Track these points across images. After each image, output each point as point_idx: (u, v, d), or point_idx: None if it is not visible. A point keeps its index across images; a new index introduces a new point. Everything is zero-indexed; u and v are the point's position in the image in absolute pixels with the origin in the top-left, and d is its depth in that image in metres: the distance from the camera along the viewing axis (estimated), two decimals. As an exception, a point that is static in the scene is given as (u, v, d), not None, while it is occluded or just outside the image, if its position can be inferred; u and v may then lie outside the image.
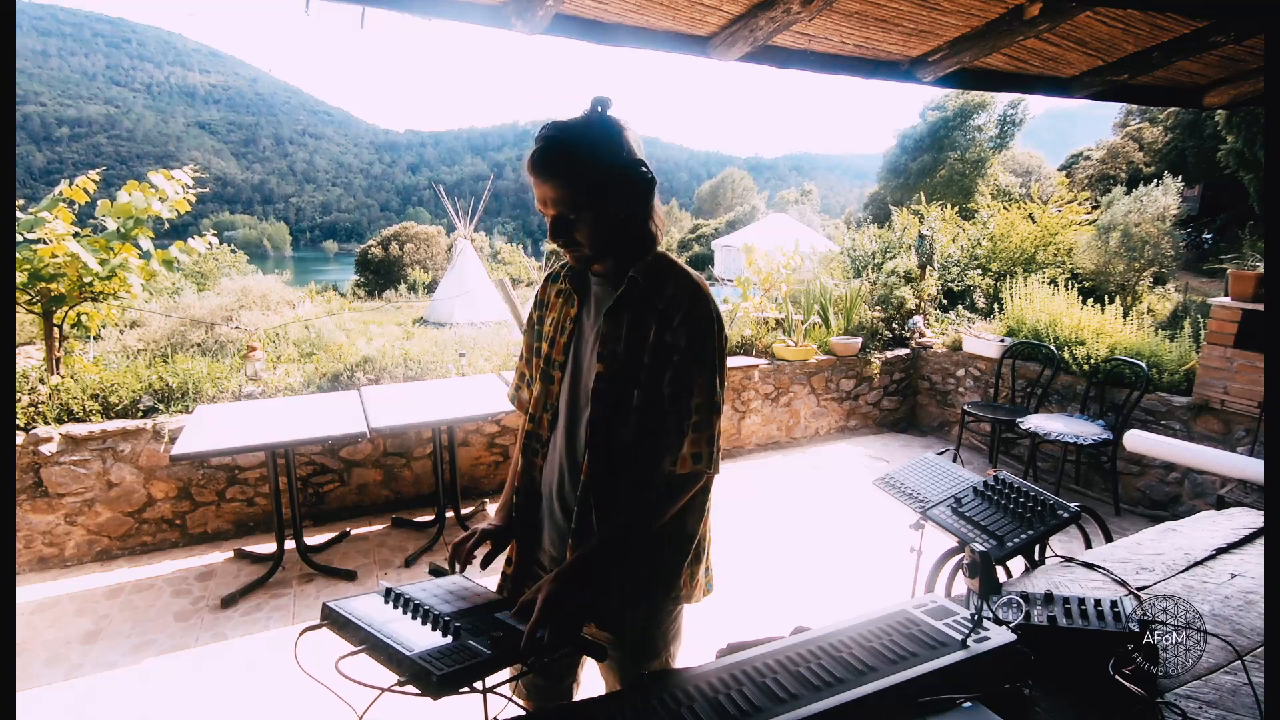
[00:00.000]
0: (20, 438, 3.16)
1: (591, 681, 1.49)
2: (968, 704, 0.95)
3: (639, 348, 1.20)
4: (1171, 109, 17.66)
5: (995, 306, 6.11)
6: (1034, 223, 7.60)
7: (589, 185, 1.12)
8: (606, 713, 0.96)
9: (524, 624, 1.08)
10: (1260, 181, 10.70)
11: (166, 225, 4.10)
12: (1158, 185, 10.46)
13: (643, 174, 1.17)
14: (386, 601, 1.12)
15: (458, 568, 1.29)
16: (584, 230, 1.16)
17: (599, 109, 1.16)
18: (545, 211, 1.17)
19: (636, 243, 1.22)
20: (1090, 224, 8.76)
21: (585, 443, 1.22)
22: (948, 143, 24.93)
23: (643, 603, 1.29)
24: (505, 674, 1.06)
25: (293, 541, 3.27)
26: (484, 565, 1.29)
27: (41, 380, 3.53)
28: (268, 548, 3.37)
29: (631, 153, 1.16)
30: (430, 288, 17.53)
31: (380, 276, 23.18)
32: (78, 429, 3.29)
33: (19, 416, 3.26)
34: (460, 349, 4.65)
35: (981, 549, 1.28)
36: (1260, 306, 3.59)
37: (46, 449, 3.20)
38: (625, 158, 1.15)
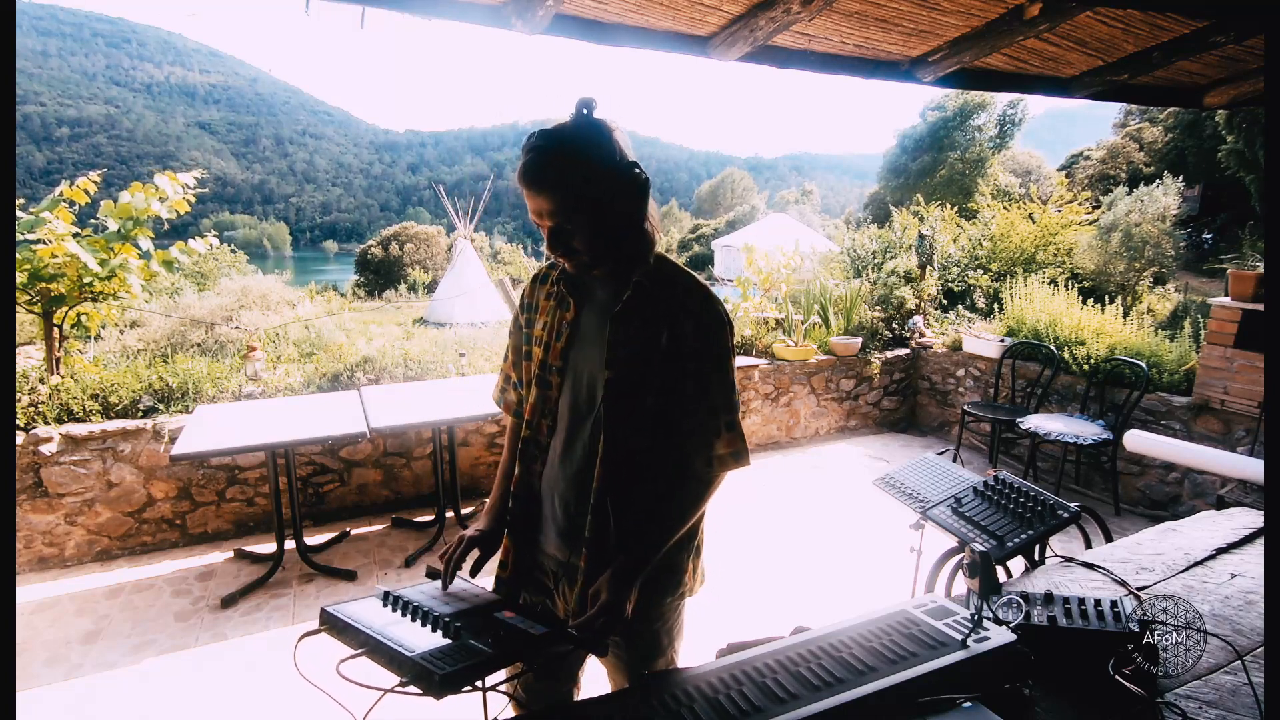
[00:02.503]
0: (20, 438, 3.16)
1: (591, 684, 1.49)
2: (968, 704, 0.95)
3: (651, 352, 1.20)
4: (1171, 109, 17.66)
5: (995, 306, 6.11)
6: (1034, 223, 7.61)
7: (584, 194, 1.09)
8: (606, 713, 0.96)
9: (529, 619, 1.09)
10: (1260, 181, 10.70)
11: (166, 225, 4.10)
12: (1158, 185, 10.46)
13: (636, 175, 1.14)
14: (385, 604, 1.12)
15: (449, 579, 1.26)
16: (582, 238, 1.14)
17: (585, 111, 1.12)
18: (540, 223, 1.14)
19: (634, 246, 1.20)
20: (1090, 224, 8.76)
21: (600, 448, 1.21)
22: (948, 143, 24.92)
23: (660, 599, 1.31)
24: (504, 674, 1.06)
25: (293, 541, 3.27)
26: (474, 572, 1.28)
27: (41, 380, 3.53)
28: (268, 548, 3.37)
29: (623, 155, 1.13)
30: (430, 288, 17.52)
31: (380, 276, 23.16)
32: (78, 429, 3.29)
33: (19, 416, 3.26)
34: (460, 349, 4.66)
35: (981, 549, 1.28)
36: (1260, 306, 3.59)
37: (46, 449, 3.20)
38: (618, 161, 1.12)
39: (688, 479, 1.25)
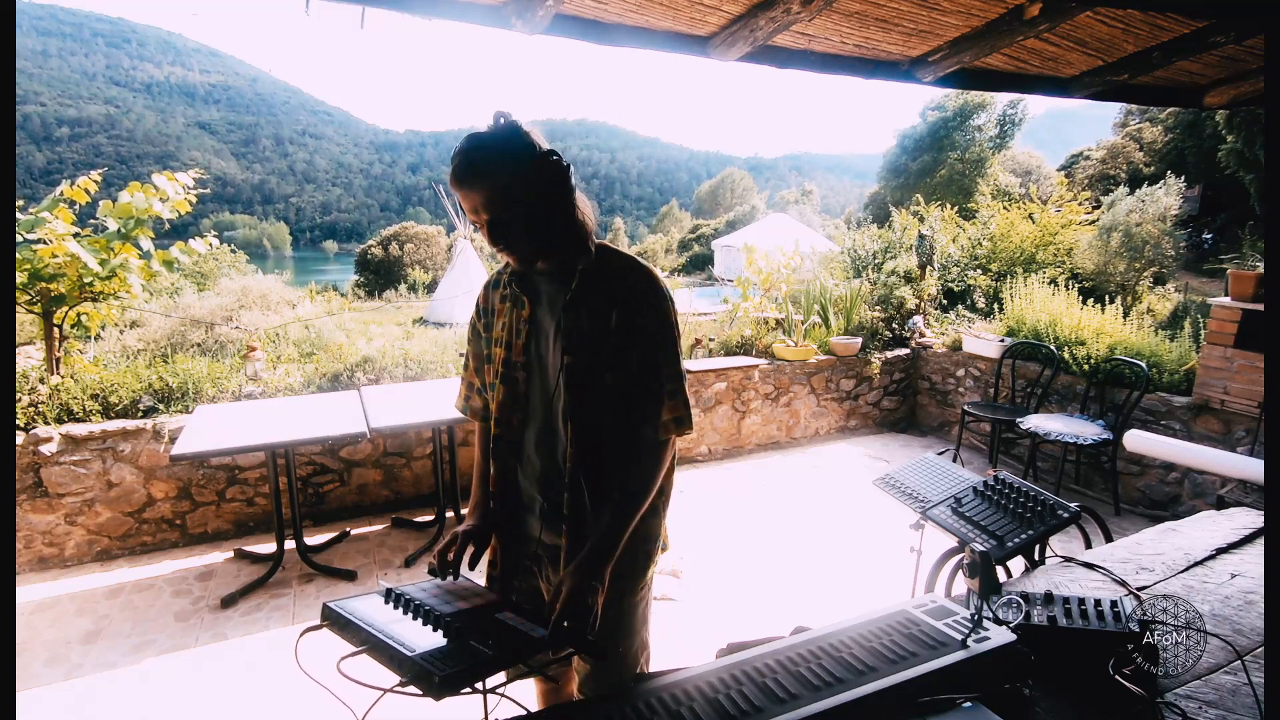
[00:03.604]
0: (20, 438, 3.16)
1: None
2: (968, 704, 0.95)
3: (604, 334, 1.28)
4: (1172, 109, 17.65)
5: (995, 306, 6.11)
6: (1034, 223, 7.60)
7: (511, 181, 1.18)
8: (606, 713, 0.96)
9: (529, 620, 1.09)
10: (1260, 181, 10.70)
11: (167, 226, 4.10)
12: (1159, 186, 10.45)
13: (556, 161, 1.23)
14: (387, 602, 1.12)
15: (449, 576, 1.30)
16: (519, 228, 1.22)
17: (500, 120, 1.23)
18: (478, 220, 1.22)
19: (571, 236, 1.28)
20: (1091, 224, 8.75)
21: (568, 429, 1.29)
22: (948, 143, 24.93)
23: (643, 569, 1.37)
24: (503, 675, 1.06)
25: (293, 541, 3.27)
26: (471, 566, 1.34)
27: (41, 380, 3.53)
28: (268, 548, 3.37)
29: (541, 146, 1.23)
30: (430, 288, 17.51)
31: (380, 276, 23.16)
32: (78, 429, 3.29)
33: (19, 416, 3.26)
34: (460, 349, 4.66)
35: (981, 549, 1.28)
36: (1260, 306, 3.59)
37: (46, 449, 3.20)
38: (537, 151, 1.22)
39: (644, 448, 1.32)
